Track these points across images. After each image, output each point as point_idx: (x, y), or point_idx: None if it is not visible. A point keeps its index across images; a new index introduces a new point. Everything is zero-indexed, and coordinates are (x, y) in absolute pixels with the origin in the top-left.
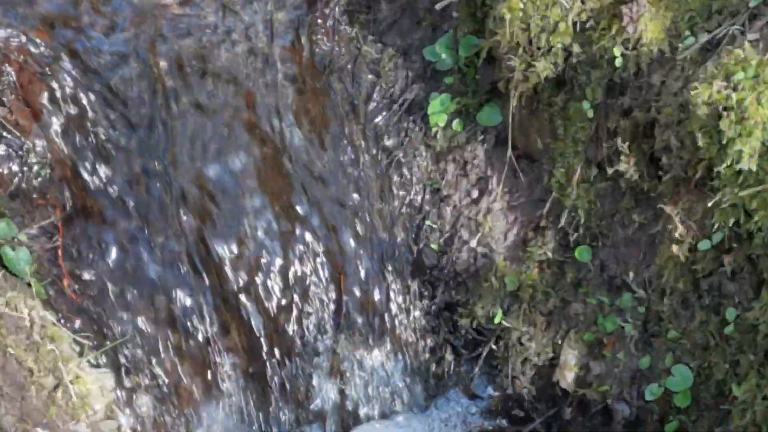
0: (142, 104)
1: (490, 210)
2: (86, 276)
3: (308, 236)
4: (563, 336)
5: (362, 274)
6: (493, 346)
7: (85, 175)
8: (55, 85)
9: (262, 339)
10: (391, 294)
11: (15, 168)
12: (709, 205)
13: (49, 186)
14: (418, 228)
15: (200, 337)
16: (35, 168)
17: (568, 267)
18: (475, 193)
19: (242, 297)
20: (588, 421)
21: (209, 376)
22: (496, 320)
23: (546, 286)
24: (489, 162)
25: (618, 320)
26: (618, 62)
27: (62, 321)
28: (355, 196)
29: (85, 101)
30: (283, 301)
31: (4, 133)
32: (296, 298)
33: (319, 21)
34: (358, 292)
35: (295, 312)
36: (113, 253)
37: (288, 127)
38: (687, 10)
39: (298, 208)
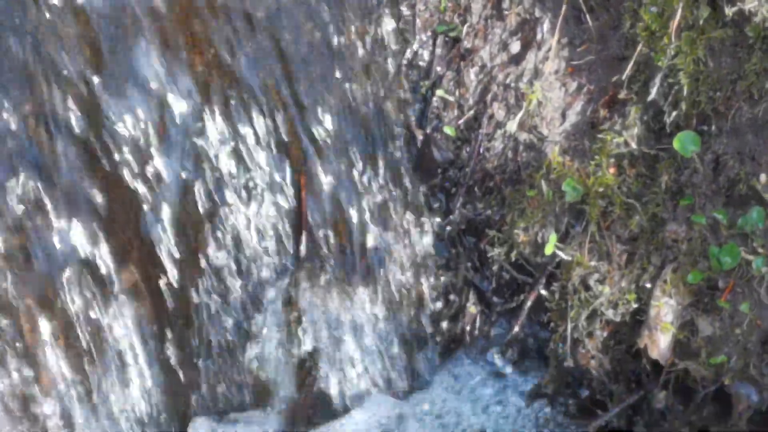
0: None
1: (539, 73)
2: None
3: (249, 112)
4: (654, 276)
5: (334, 173)
6: (543, 292)
7: None
8: None
9: (171, 276)
10: (381, 206)
11: None
12: None
13: None
14: (425, 101)
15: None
16: None
17: (662, 165)
18: (515, 46)
19: (144, 206)
20: (693, 412)
21: (85, 336)
22: (548, 250)
23: (627, 196)
24: None
25: (741, 251)
26: None
27: None
28: (323, 49)
29: None
30: (203, 218)
31: None
32: (224, 212)
33: None
34: (327, 205)
35: (221, 234)
36: None
37: None
38: None
39: (231, 65)
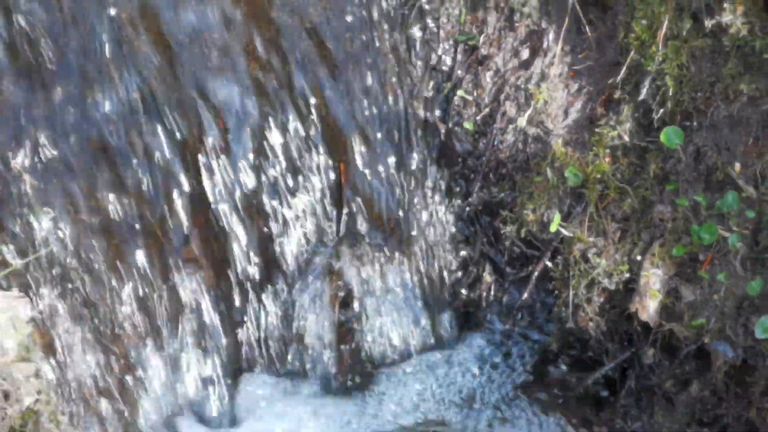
0: None
1: (545, 76)
2: None
3: (296, 109)
4: (643, 250)
5: (370, 162)
6: (548, 264)
7: None
8: None
9: (236, 248)
10: (410, 190)
11: None
12: None
13: None
14: (447, 100)
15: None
16: None
17: (650, 155)
18: (525, 53)
19: (211, 199)
20: (677, 366)
21: (160, 306)
22: (553, 227)
23: (621, 182)
24: (544, 10)
25: (719, 229)
26: None
27: None
28: (361, 56)
29: None
30: (260, 197)
31: None
32: (280, 194)
33: None
34: (363, 188)
35: (275, 212)
36: None
37: None
38: None
39: (286, 68)
